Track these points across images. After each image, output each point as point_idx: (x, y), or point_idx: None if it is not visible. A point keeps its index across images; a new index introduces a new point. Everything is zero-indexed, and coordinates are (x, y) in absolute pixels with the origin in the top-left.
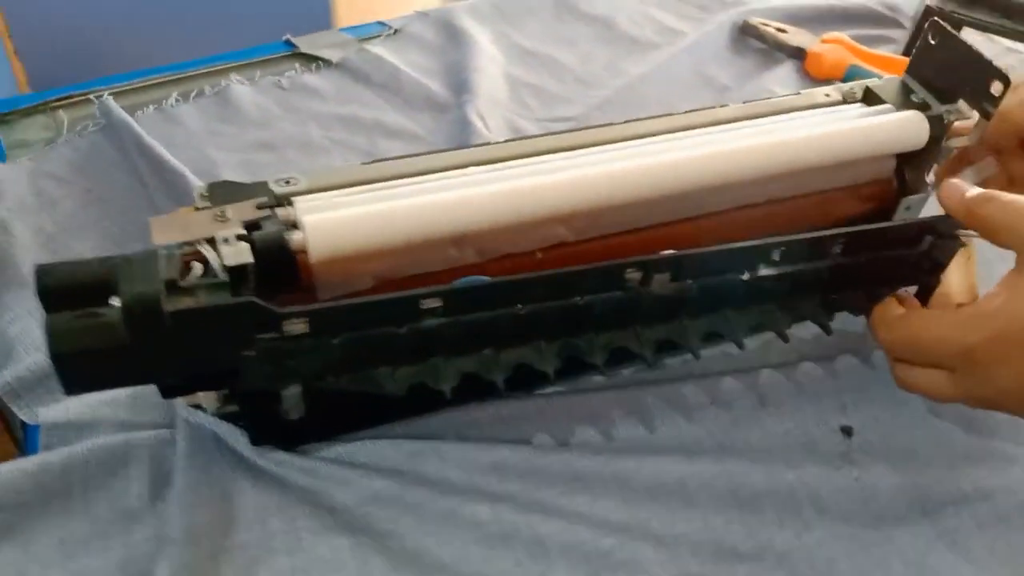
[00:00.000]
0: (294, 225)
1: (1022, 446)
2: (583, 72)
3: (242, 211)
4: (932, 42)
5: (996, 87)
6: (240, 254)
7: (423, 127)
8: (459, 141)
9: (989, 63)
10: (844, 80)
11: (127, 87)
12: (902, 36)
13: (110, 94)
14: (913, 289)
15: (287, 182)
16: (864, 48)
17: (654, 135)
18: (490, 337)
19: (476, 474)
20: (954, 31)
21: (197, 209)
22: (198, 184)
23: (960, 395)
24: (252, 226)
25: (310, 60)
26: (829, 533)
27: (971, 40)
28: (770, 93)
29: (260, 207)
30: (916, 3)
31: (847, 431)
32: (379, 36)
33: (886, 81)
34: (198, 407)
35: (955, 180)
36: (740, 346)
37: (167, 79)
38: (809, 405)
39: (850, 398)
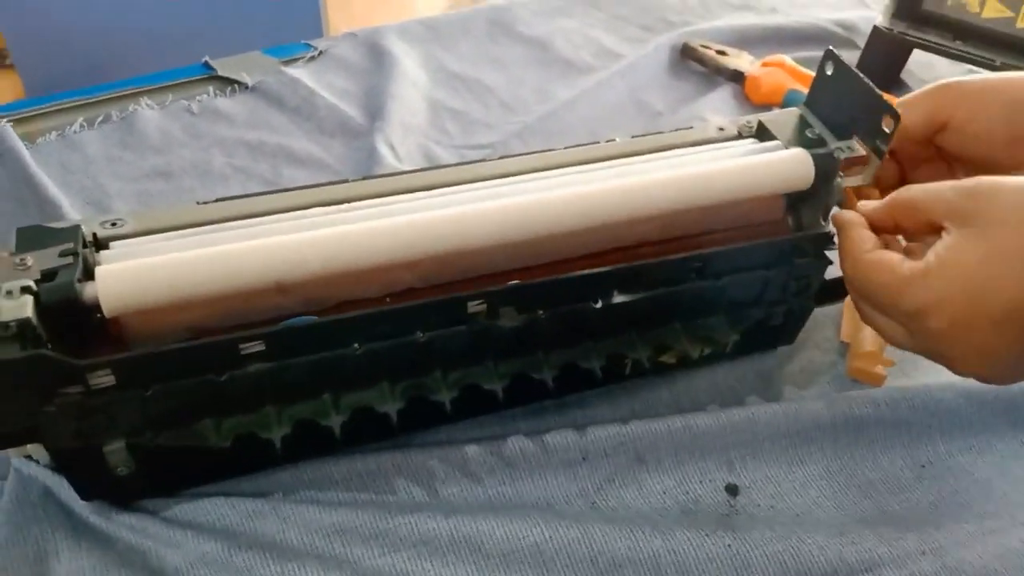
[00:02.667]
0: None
1: (915, 512)
2: (509, 97)
3: (44, 259)
4: (828, 73)
5: (887, 123)
6: (19, 308)
7: (332, 154)
8: (366, 170)
9: (879, 97)
10: (783, 105)
11: (36, 112)
12: (856, 58)
13: (14, 121)
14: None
15: (112, 224)
16: (807, 71)
17: (528, 172)
18: (325, 380)
19: (317, 536)
20: (847, 64)
21: (10, 255)
22: (73, 215)
23: (914, 348)
24: (49, 276)
25: (227, 83)
26: None
27: (923, 61)
28: (702, 119)
29: (63, 254)
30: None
31: (732, 490)
32: (302, 57)
33: (782, 114)
34: (29, 458)
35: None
36: (597, 375)
37: (77, 103)
38: (692, 461)
39: (738, 453)
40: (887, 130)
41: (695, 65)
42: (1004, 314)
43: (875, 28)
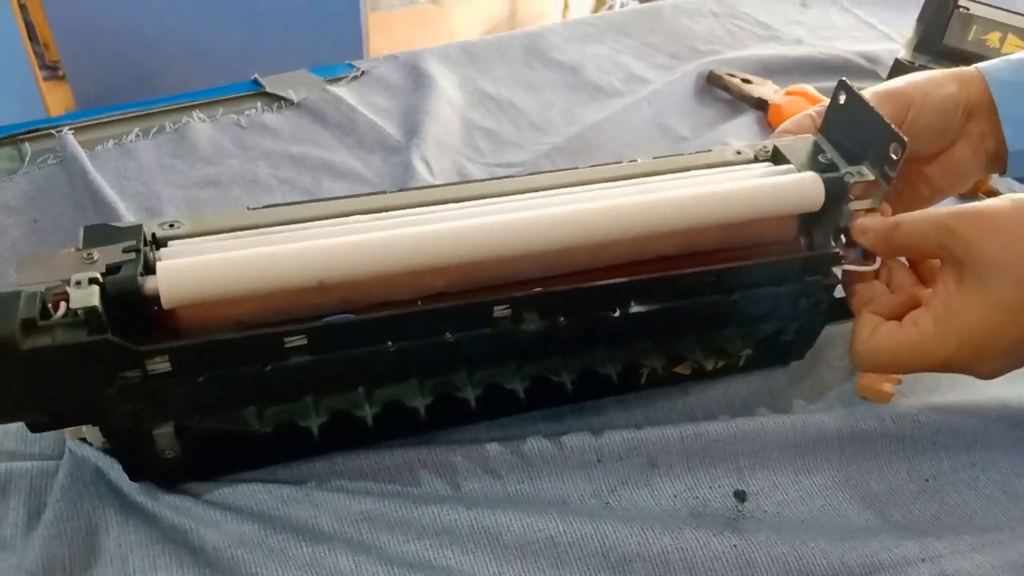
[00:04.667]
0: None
1: (917, 523)
2: (539, 118)
3: (109, 254)
4: (840, 102)
5: (895, 150)
6: (87, 297)
7: (371, 168)
8: (402, 183)
9: (888, 126)
10: None
11: (94, 121)
12: None
13: (75, 129)
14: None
15: (171, 225)
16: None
17: (554, 188)
18: (360, 375)
19: (347, 522)
20: (859, 92)
21: (77, 250)
22: (128, 218)
23: None
24: (114, 269)
25: (274, 99)
26: None
27: None
28: (725, 145)
29: (126, 250)
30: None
31: (740, 496)
32: (345, 77)
33: (797, 140)
34: (83, 440)
35: (862, 219)
36: (613, 381)
37: (133, 115)
38: (703, 467)
39: (747, 461)
40: (894, 157)
41: (720, 92)
42: (1012, 346)
43: (897, 61)
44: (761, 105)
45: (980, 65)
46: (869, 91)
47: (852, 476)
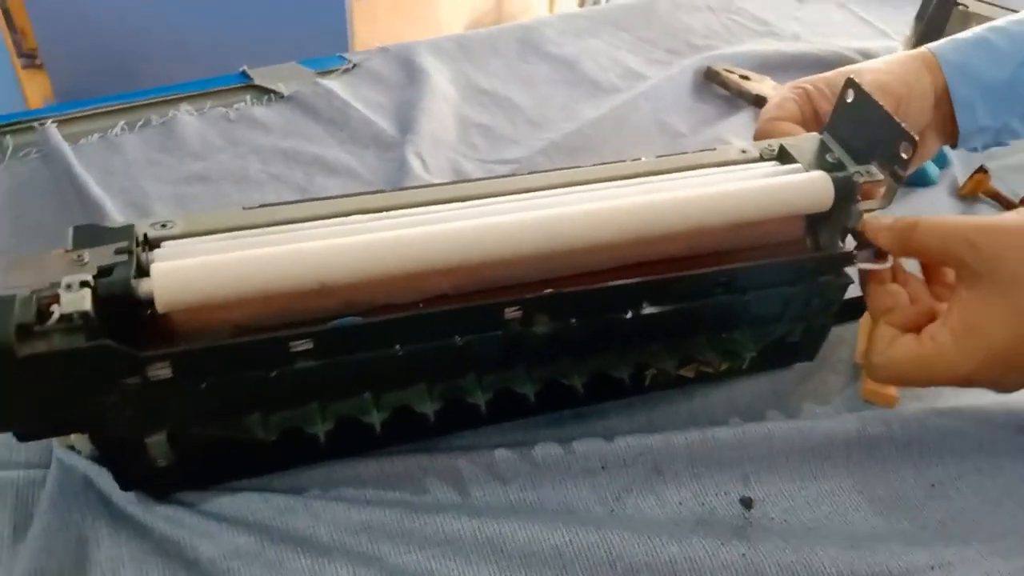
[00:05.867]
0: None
1: (927, 529)
2: (536, 114)
3: (100, 255)
4: (848, 101)
5: (905, 149)
6: (79, 301)
7: (364, 164)
8: (396, 181)
9: (898, 124)
10: None
11: (78, 114)
12: None
13: (59, 122)
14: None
15: (163, 225)
16: None
17: (556, 187)
18: (368, 380)
19: (346, 533)
20: (867, 91)
21: (67, 251)
22: (115, 216)
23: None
24: (106, 271)
25: (263, 92)
26: None
27: None
28: (724, 142)
29: (118, 252)
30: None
31: (747, 503)
32: (337, 70)
33: (804, 139)
34: (72, 449)
35: (875, 216)
36: (625, 383)
37: (118, 107)
38: (709, 474)
39: (753, 468)
40: (905, 156)
41: (718, 89)
42: None
43: None
44: (759, 102)
45: (932, 46)
46: None
47: (859, 482)
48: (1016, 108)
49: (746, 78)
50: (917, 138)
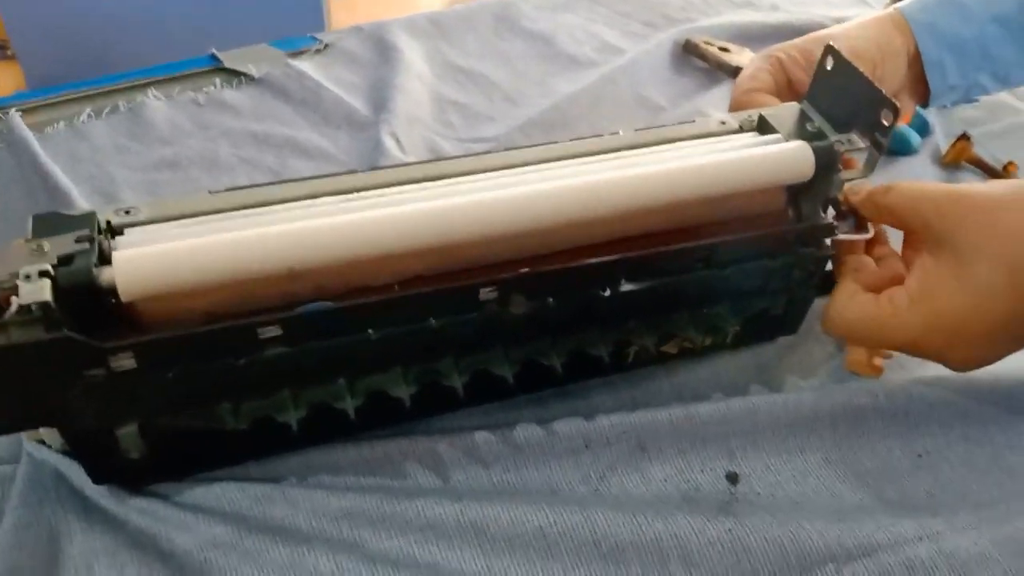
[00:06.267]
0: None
1: (914, 500)
2: (512, 90)
3: (60, 244)
4: (828, 68)
5: (886, 116)
6: (38, 292)
7: (338, 146)
8: (371, 161)
9: (879, 91)
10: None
11: (44, 102)
12: None
13: (23, 110)
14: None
15: (126, 212)
16: None
17: (533, 163)
18: (341, 365)
19: (325, 520)
20: (847, 58)
21: (27, 241)
22: (82, 204)
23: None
24: (65, 260)
25: (233, 75)
26: None
27: None
28: (703, 114)
29: (79, 240)
30: None
31: (732, 478)
32: (308, 51)
33: (783, 108)
34: (42, 442)
35: (856, 182)
36: (605, 361)
37: (84, 94)
38: (693, 450)
39: (738, 443)
40: (886, 123)
41: (697, 61)
42: (989, 333)
43: None
44: (738, 74)
45: (901, 6)
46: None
47: (845, 454)
48: (985, 65)
49: (725, 50)
50: (899, 105)
